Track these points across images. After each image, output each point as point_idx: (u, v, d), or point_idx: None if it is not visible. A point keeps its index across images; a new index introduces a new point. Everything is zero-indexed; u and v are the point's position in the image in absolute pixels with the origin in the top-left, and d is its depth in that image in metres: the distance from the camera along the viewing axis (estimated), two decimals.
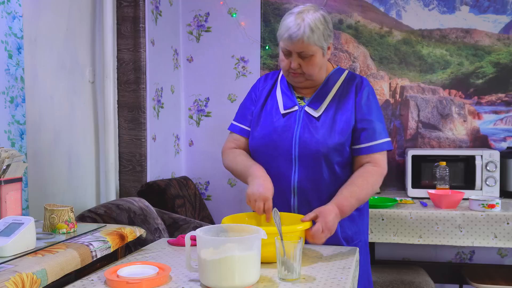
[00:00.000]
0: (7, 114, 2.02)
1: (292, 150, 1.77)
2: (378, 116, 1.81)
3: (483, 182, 2.95)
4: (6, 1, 2.01)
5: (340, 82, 1.85)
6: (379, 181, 1.79)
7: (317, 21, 1.70)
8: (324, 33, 1.72)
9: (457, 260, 3.34)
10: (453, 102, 3.32)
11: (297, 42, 1.69)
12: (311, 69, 1.76)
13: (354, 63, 3.40)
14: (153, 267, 1.39)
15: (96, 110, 2.70)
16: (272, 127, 1.81)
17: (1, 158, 1.64)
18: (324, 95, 1.82)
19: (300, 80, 1.80)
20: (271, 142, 1.79)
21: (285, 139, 1.78)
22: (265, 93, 1.90)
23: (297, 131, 1.77)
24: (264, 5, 3.48)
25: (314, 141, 1.75)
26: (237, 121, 1.94)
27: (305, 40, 1.68)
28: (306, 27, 1.68)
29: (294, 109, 1.82)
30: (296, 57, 1.74)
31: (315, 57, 1.74)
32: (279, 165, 1.78)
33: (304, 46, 1.70)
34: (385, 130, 1.82)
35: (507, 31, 3.25)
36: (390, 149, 1.82)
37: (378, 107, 1.84)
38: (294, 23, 1.69)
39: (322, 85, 1.84)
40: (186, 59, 3.58)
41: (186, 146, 3.62)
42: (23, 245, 1.39)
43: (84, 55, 2.59)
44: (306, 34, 1.67)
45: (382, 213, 2.71)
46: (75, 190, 2.52)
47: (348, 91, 1.82)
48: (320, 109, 1.80)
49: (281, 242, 1.35)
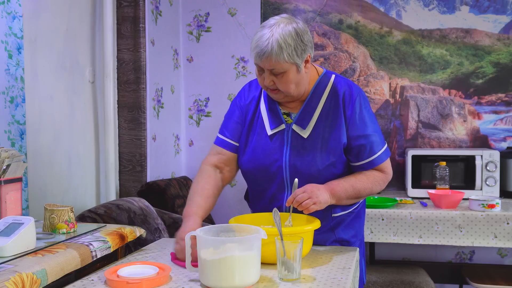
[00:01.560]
0: (7, 114, 2.02)
1: (283, 173, 1.71)
2: (373, 127, 1.73)
3: (483, 182, 2.95)
4: (6, 1, 2.01)
5: (327, 93, 1.73)
6: (382, 184, 1.76)
7: (286, 36, 1.57)
8: (296, 49, 1.59)
9: (457, 260, 3.34)
10: (453, 102, 3.32)
11: (265, 59, 1.58)
12: (285, 87, 1.64)
13: (354, 63, 3.40)
14: (153, 267, 1.39)
15: (96, 110, 2.70)
16: (260, 149, 1.73)
17: (1, 158, 1.64)
18: (311, 110, 1.72)
19: (280, 97, 1.70)
20: (261, 165, 1.73)
21: (274, 163, 1.72)
22: (252, 109, 1.80)
23: (287, 154, 1.71)
24: (264, 5, 3.48)
25: (305, 165, 1.69)
26: (221, 134, 1.84)
27: (273, 58, 1.57)
28: (274, 44, 1.55)
29: (281, 128, 1.73)
30: (269, 74, 1.63)
31: (288, 74, 1.61)
32: (271, 187, 1.74)
33: (273, 63, 1.58)
34: (382, 137, 1.76)
35: (507, 31, 3.25)
36: (389, 155, 1.78)
37: (371, 117, 1.74)
38: (264, 38, 1.57)
39: (308, 99, 1.73)
40: (186, 59, 3.58)
41: (186, 146, 3.62)
42: (23, 245, 1.39)
43: (84, 55, 2.59)
44: (274, 51, 1.56)
45: (382, 213, 2.71)
46: (75, 190, 2.52)
47: (336, 105, 1.71)
48: (309, 128, 1.70)
49: (281, 242, 1.35)
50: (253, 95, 1.82)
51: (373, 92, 3.38)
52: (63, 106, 2.42)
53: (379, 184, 1.75)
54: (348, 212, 1.79)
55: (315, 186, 1.62)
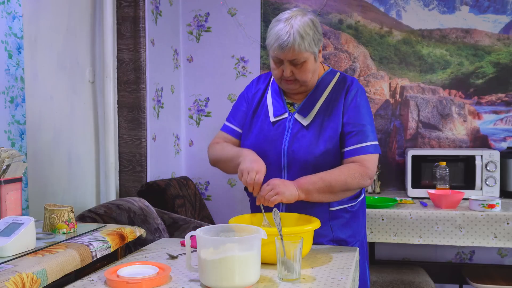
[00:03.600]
0: (7, 114, 2.02)
1: (281, 160, 1.76)
2: (366, 118, 1.76)
3: (483, 182, 2.95)
4: (6, 1, 2.01)
5: (331, 86, 1.82)
6: (359, 178, 1.69)
7: (306, 27, 1.66)
8: (314, 38, 1.69)
9: (457, 260, 3.34)
10: (453, 102, 3.32)
11: (288, 50, 1.66)
12: (304, 76, 1.73)
13: (354, 63, 3.40)
14: (153, 267, 1.39)
15: (96, 110, 2.70)
16: (263, 135, 1.81)
17: (1, 158, 1.64)
18: (314, 101, 1.79)
19: (294, 87, 1.77)
20: (261, 151, 1.77)
21: (274, 149, 1.77)
22: (257, 98, 1.89)
23: (286, 141, 1.77)
24: (264, 5, 3.48)
25: (301, 151, 1.74)
26: (229, 122, 1.94)
27: (296, 48, 1.65)
28: (295, 34, 1.64)
29: (284, 117, 1.81)
30: (288, 64, 1.71)
31: (308, 63, 1.71)
32: (269, 174, 1.75)
33: (295, 54, 1.67)
34: (374, 133, 1.78)
35: (507, 31, 3.25)
36: (377, 152, 1.76)
37: (367, 109, 1.79)
38: (283, 31, 1.65)
39: (313, 90, 1.81)
40: (186, 59, 3.58)
41: (186, 146, 3.62)
42: (23, 245, 1.39)
43: (84, 55, 2.59)
44: (296, 41, 1.64)
45: (382, 213, 2.71)
46: (75, 190, 2.52)
47: (338, 96, 1.79)
48: (309, 117, 1.78)
49: (281, 242, 1.35)
50: (260, 87, 1.92)
51: (373, 92, 3.38)
52: (63, 106, 2.42)
53: (355, 177, 1.69)
54: (345, 207, 1.80)
55: (280, 180, 1.68)
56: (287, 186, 1.65)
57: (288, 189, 1.65)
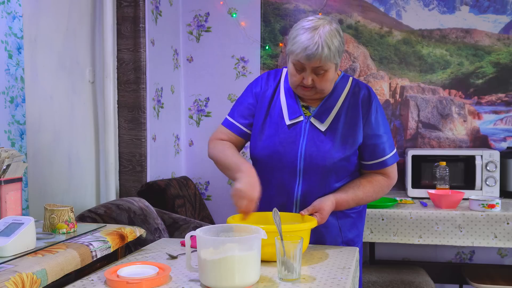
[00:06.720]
0: (7, 114, 2.02)
1: (297, 163, 1.75)
2: (385, 129, 1.81)
3: (483, 182, 2.95)
4: (6, 1, 2.01)
5: (346, 92, 1.82)
6: (385, 190, 1.84)
7: (333, 37, 1.66)
8: (339, 49, 1.69)
9: (457, 260, 3.34)
10: (453, 102, 3.32)
11: (314, 60, 1.65)
12: (324, 85, 1.72)
13: (354, 63, 3.40)
14: (153, 267, 1.39)
15: (96, 110, 2.70)
16: (277, 137, 1.78)
17: (1, 158, 1.64)
18: (330, 106, 1.79)
19: (310, 94, 1.76)
20: (275, 153, 1.77)
21: (290, 152, 1.76)
22: (268, 97, 1.85)
23: (303, 144, 1.76)
24: (264, 5, 3.48)
25: (320, 155, 1.73)
26: (231, 117, 1.90)
27: (322, 58, 1.65)
28: (324, 45, 1.64)
29: (299, 120, 1.79)
30: (310, 72, 1.70)
31: (329, 73, 1.71)
32: (282, 177, 1.76)
33: (321, 63, 1.66)
34: (392, 142, 1.83)
35: (507, 31, 3.25)
36: (398, 160, 1.84)
37: (385, 120, 1.83)
38: (312, 41, 1.64)
39: (328, 95, 1.80)
40: (186, 59, 3.58)
41: (186, 146, 3.62)
42: (23, 245, 1.39)
43: (84, 55, 2.59)
44: (324, 52, 1.64)
45: (382, 213, 2.71)
46: (75, 190, 2.52)
47: (355, 104, 1.79)
48: (327, 122, 1.77)
49: (281, 242, 1.35)
50: (271, 85, 1.87)
51: None
52: (63, 106, 2.42)
53: (383, 191, 1.83)
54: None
55: (325, 207, 1.70)
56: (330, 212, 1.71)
57: (329, 213, 1.71)
